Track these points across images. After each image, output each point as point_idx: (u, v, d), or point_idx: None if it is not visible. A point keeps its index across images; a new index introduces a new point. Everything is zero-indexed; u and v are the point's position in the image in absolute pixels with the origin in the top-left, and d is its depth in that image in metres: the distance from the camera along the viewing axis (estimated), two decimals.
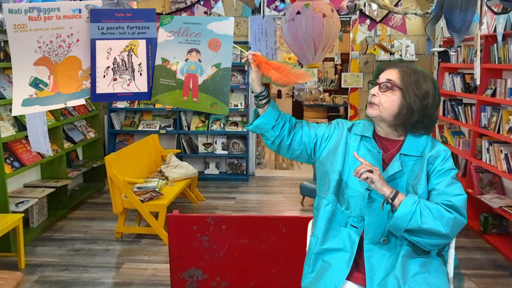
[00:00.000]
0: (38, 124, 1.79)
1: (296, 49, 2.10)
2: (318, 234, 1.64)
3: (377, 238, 1.56)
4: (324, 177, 1.68)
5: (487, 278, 3.23)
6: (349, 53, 6.06)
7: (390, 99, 1.55)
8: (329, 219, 1.63)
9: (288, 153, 1.72)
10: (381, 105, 1.55)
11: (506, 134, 3.62)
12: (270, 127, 1.65)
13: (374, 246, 1.55)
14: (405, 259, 1.52)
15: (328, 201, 1.63)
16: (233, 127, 5.82)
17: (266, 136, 1.69)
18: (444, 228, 1.43)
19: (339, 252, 1.60)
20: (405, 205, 1.44)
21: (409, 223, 1.43)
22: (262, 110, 1.64)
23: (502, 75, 4.01)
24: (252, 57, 1.55)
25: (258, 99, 1.62)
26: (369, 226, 1.56)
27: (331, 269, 1.58)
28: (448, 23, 1.82)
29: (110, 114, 5.88)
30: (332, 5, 2.05)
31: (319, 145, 1.70)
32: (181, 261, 2.50)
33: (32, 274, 3.22)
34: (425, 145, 1.59)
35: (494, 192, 4.05)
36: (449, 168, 1.55)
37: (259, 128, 1.66)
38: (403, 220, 1.44)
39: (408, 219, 1.43)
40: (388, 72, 1.59)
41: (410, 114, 1.54)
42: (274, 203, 4.93)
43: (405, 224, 1.44)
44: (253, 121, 1.66)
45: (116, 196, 3.79)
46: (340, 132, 1.70)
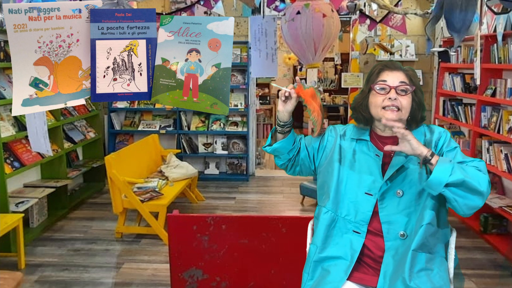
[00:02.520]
0: (38, 124, 1.79)
1: (296, 49, 2.10)
2: (317, 242, 1.64)
3: (395, 232, 1.56)
4: (323, 186, 1.70)
5: (487, 278, 3.23)
6: (349, 53, 6.06)
7: (408, 101, 1.61)
8: (328, 226, 1.63)
9: (291, 170, 1.80)
10: (403, 108, 1.60)
11: (506, 134, 3.62)
12: (286, 151, 1.72)
13: (394, 242, 1.56)
14: (414, 253, 1.52)
15: (327, 209, 1.64)
16: (233, 127, 5.82)
17: (279, 158, 1.77)
18: (482, 186, 1.44)
19: (338, 260, 1.59)
20: (443, 161, 1.45)
21: (450, 177, 1.41)
22: (283, 136, 1.71)
23: (502, 75, 4.01)
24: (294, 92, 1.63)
25: (284, 127, 1.69)
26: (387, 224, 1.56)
27: (329, 276, 1.57)
28: (448, 23, 1.82)
29: (110, 114, 5.88)
30: (332, 5, 2.05)
31: (316, 156, 1.75)
32: (181, 261, 2.50)
33: (32, 274, 3.22)
34: (423, 132, 1.65)
35: (494, 192, 4.05)
36: (455, 146, 1.61)
37: (277, 151, 1.73)
38: (444, 173, 1.42)
39: (449, 173, 1.42)
40: (395, 75, 1.62)
41: (422, 109, 1.64)
42: (274, 203, 4.93)
43: (446, 178, 1.41)
44: (270, 143, 1.73)
45: (116, 196, 3.79)
46: (333, 138, 1.73)
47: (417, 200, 1.57)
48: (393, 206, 1.56)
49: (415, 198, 1.57)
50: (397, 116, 1.59)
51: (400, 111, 1.59)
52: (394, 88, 1.60)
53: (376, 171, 1.60)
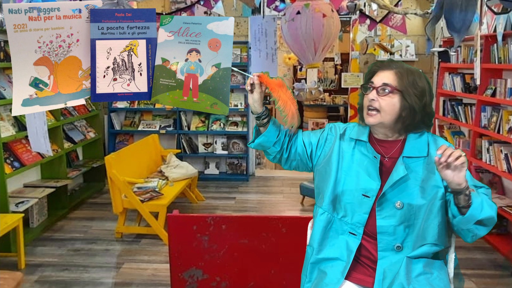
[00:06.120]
0: (38, 124, 1.79)
1: (296, 49, 2.10)
2: (313, 244, 1.63)
3: (391, 245, 1.53)
4: (320, 185, 1.67)
5: (487, 278, 3.23)
6: (349, 53, 6.06)
7: (390, 103, 1.52)
8: (324, 228, 1.61)
9: (286, 164, 1.74)
10: (382, 110, 1.52)
11: (506, 134, 3.62)
12: (271, 144, 1.66)
13: (389, 253, 1.53)
14: (408, 259, 1.51)
15: (324, 210, 1.62)
16: (233, 127, 5.82)
17: (267, 152, 1.72)
18: (496, 215, 1.43)
19: (335, 261, 1.58)
20: (475, 196, 1.41)
21: (481, 213, 1.39)
22: (263, 128, 1.65)
23: (502, 75, 4.01)
24: (257, 79, 1.56)
25: (260, 119, 1.64)
26: (382, 234, 1.53)
27: (326, 278, 1.57)
28: (448, 23, 1.82)
29: (110, 114, 5.88)
30: (332, 5, 2.05)
31: (314, 153, 1.70)
32: (181, 261, 2.50)
33: (32, 274, 3.22)
34: (427, 143, 1.57)
35: (494, 192, 4.05)
36: None
37: (261, 145, 1.68)
38: (477, 210, 1.39)
39: (480, 209, 1.39)
40: (383, 74, 1.55)
41: (413, 115, 1.52)
42: (274, 203, 4.93)
43: (478, 215, 1.39)
44: (254, 139, 1.69)
45: (116, 196, 3.79)
46: (333, 137, 1.68)
47: (417, 214, 1.51)
48: (392, 217, 1.52)
49: (415, 212, 1.51)
50: (375, 119, 1.54)
51: (379, 113, 1.53)
52: (376, 88, 1.54)
53: (374, 173, 1.56)
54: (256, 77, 1.56)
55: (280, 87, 1.56)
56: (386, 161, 1.59)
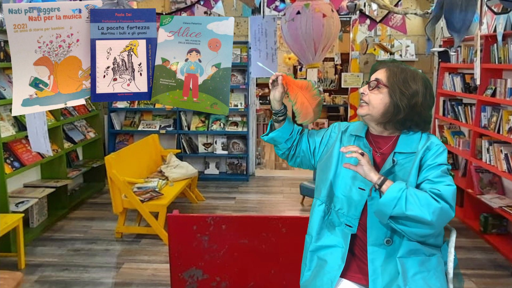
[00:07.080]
0: (38, 124, 1.79)
1: (296, 49, 2.10)
2: (312, 232, 1.68)
3: (380, 239, 1.55)
4: (320, 178, 1.72)
5: (487, 278, 3.23)
6: (349, 53, 6.06)
7: (377, 97, 1.58)
8: (322, 218, 1.66)
9: (292, 161, 1.83)
10: (370, 103, 1.59)
11: (506, 134, 3.62)
12: (283, 140, 1.76)
13: (378, 248, 1.54)
14: (402, 260, 1.51)
15: (322, 201, 1.67)
16: (233, 127, 5.82)
17: (278, 148, 1.80)
18: (430, 216, 1.40)
19: (334, 248, 1.61)
20: (391, 191, 1.43)
21: (393, 209, 1.41)
22: (278, 125, 1.75)
23: (502, 75, 4.01)
24: (281, 79, 1.64)
25: (277, 116, 1.73)
26: (371, 228, 1.55)
27: (326, 266, 1.59)
28: (448, 23, 1.82)
29: (110, 114, 5.88)
30: (332, 5, 2.05)
31: (317, 150, 1.77)
32: (181, 261, 2.50)
33: (32, 274, 3.22)
34: (419, 140, 1.59)
35: (494, 192, 4.05)
36: (440, 163, 1.52)
37: (273, 140, 1.77)
38: (388, 206, 1.42)
39: (393, 205, 1.41)
40: (379, 71, 1.63)
41: (397, 112, 1.55)
42: (274, 203, 4.93)
43: (389, 210, 1.42)
44: (268, 133, 1.77)
45: (116, 196, 3.79)
46: (336, 135, 1.75)
47: None
48: None
49: None
50: (363, 110, 1.61)
51: (368, 105, 1.60)
52: (368, 83, 1.62)
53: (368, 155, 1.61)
54: (280, 76, 1.64)
55: (301, 89, 1.64)
56: (377, 156, 1.63)
